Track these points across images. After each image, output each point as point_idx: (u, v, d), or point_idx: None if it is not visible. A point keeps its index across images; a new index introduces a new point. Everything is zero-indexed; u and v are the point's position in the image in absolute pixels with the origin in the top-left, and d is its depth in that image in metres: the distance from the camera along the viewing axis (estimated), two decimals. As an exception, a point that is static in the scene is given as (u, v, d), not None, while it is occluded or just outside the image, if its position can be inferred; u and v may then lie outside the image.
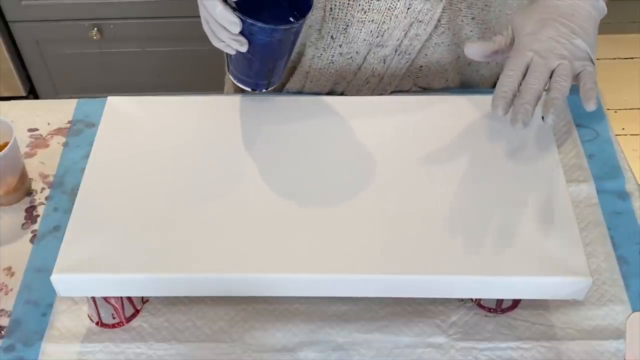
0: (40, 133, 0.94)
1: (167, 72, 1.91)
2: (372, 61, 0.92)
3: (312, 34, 0.91)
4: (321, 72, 0.94)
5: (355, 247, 0.69)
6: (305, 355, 0.73)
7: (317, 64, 0.93)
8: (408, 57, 0.91)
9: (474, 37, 0.92)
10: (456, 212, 0.72)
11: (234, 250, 0.69)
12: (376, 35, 0.88)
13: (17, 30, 1.80)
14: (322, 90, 0.97)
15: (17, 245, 0.82)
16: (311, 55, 0.93)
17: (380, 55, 0.91)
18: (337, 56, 0.92)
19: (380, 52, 0.90)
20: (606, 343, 0.73)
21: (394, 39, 0.89)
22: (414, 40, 0.89)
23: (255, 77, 0.77)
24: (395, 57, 0.91)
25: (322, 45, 0.91)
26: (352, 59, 0.92)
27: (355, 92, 0.96)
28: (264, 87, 0.78)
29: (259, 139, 0.79)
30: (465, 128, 0.80)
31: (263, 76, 0.77)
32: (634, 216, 0.82)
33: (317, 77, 0.95)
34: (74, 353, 0.73)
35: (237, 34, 0.71)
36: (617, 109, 2.07)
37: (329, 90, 0.97)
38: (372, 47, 0.90)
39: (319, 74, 0.95)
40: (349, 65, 0.93)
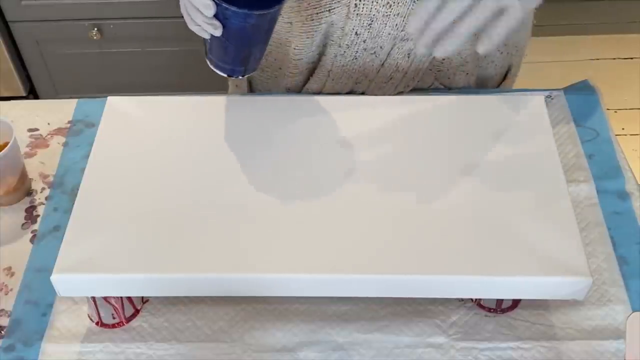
0: (40, 133, 0.94)
1: (167, 72, 1.91)
2: (396, 56, 0.91)
3: (335, 32, 0.90)
4: (344, 70, 0.93)
5: (355, 247, 0.69)
6: (305, 355, 0.73)
7: (340, 62, 0.92)
8: None
9: None
10: (456, 212, 0.72)
11: (234, 250, 0.69)
12: (401, 29, 0.88)
13: (17, 30, 1.80)
14: (342, 90, 0.96)
15: (17, 245, 0.82)
16: (333, 54, 0.92)
17: (405, 50, 0.90)
18: (361, 52, 0.91)
19: (405, 45, 0.90)
20: (606, 343, 0.73)
21: None
22: None
23: (232, 63, 0.77)
24: None
25: (345, 42, 0.90)
26: (376, 54, 0.91)
27: (377, 90, 0.95)
28: (240, 74, 0.78)
29: (259, 139, 0.79)
30: (465, 128, 0.80)
31: (239, 62, 0.77)
32: (634, 216, 0.82)
33: (339, 76, 0.94)
34: (74, 353, 0.73)
35: (211, 17, 0.71)
36: (617, 109, 2.07)
37: (350, 90, 0.96)
38: (396, 42, 0.89)
39: (342, 71, 0.93)
40: (372, 62, 0.92)
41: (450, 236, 0.70)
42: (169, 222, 0.71)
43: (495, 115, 0.81)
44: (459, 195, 0.73)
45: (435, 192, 0.74)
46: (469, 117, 0.81)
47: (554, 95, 0.94)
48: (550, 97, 0.94)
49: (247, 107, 0.83)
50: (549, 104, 0.93)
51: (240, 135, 0.80)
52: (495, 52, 0.95)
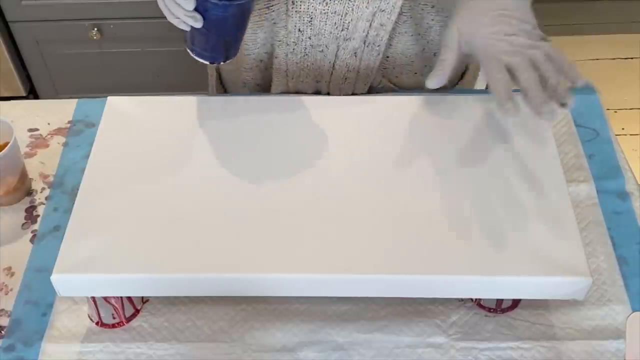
0: (40, 133, 0.94)
1: (167, 72, 1.91)
2: (344, 56, 0.92)
3: (279, 32, 0.91)
4: (299, 68, 0.94)
5: (355, 247, 0.69)
6: (305, 355, 0.73)
7: (292, 60, 0.94)
8: (378, 49, 0.92)
9: (435, 26, 0.92)
10: (456, 212, 0.72)
11: (234, 250, 0.69)
12: (341, 29, 0.89)
13: (17, 30, 1.80)
14: (307, 90, 0.97)
15: (17, 245, 0.82)
16: (284, 53, 0.93)
17: (350, 49, 0.91)
18: (309, 48, 0.92)
19: (349, 45, 0.91)
20: (606, 343, 0.73)
21: (359, 31, 0.89)
22: (380, 31, 0.89)
23: (212, 50, 0.78)
24: (365, 49, 0.91)
25: (292, 40, 0.91)
26: (324, 53, 0.92)
27: (337, 90, 0.97)
28: (222, 60, 0.79)
29: (259, 139, 0.79)
30: (465, 128, 0.80)
31: (220, 50, 0.78)
32: (634, 216, 0.82)
33: (297, 74, 0.95)
34: (74, 353, 0.73)
35: (191, 10, 0.72)
36: (617, 109, 2.07)
37: (315, 90, 0.98)
38: (340, 42, 0.91)
39: (298, 69, 0.95)
40: (323, 60, 0.93)
41: (450, 236, 0.70)
42: (169, 222, 0.71)
43: (495, 115, 0.81)
44: (459, 196, 0.73)
45: (435, 192, 0.74)
46: (469, 117, 0.81)
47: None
48: (550, 97, 0.94)
49: (248, 107, 0.83)
50: (549, 104, 0.93)
51: (240, 135, 0.80)
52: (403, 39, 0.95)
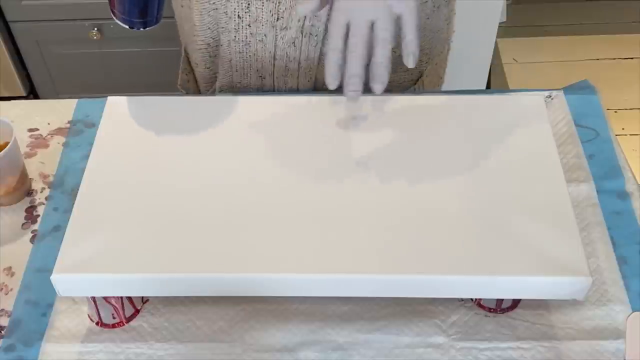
0: (40, 133, 0.94)
1: (167, 72, 1.91)
2: (283, 46, 0.92)
3: (222, 18, 0.92)
4: (243, 59, 0.95)
5: (355, 247, 0.69)
6: (305, 355, 0.73)
7: (235, 48, 0.94)
8: (316, 39, 0.91)
9: None
10: (456, 212, 0.72)
11: (234, 250, 0.69)
12: (276, 17, 0.89)
13: (17, 30, 1.80)
14: (251, 84, 0.98)
15: (17, 245, 0.82)
16: (227, 40, 0.94)
17: (288, 39, 0.91)
18: (250, 37, 0.92)
19: (287, 34, 0.91)
20: (606, 343, 0.73)
21: (295, 20, 0.89)
22: (315, 21, 0.89)
23: (129, 14, 0.80)
24: (304, 39, 0.91)
25: (232, 26, 0.92)
26: (264, 42, 0.92)
27: (283, 85, 0.97)
28: (141, 26, 0.81)
29: (259, 138, 0.79)
30: (464, 128, 0.80)
31: (135, 14, 0.80)
32: (634, 216, 0.82)
33: (241, 65, 0.95)
34: (74, 353, 0.73)
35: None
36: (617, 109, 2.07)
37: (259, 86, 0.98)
38: (277, 31, 0.90)
39: (241, 59, 0.95)
40: (264, 51, 0.93)
41: (450, 236, 0.70)
42: (169, 222, 0.71)
43: (495, 115, 0.81)
44: (458, 195, 0.73)
45: (435, 192, 0.74)
46: (469, 117, 0.81)
47: (553, 95, 0.94)
48: (550, 97, 0.94)
49: (248, 107, 0.83)
50: (549, 104, 0.93)
51: (240, 135, 0.80)
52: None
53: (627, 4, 2.32)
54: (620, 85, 2.13)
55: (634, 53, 2.23)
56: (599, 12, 2.34)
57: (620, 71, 2.19)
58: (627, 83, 2.14)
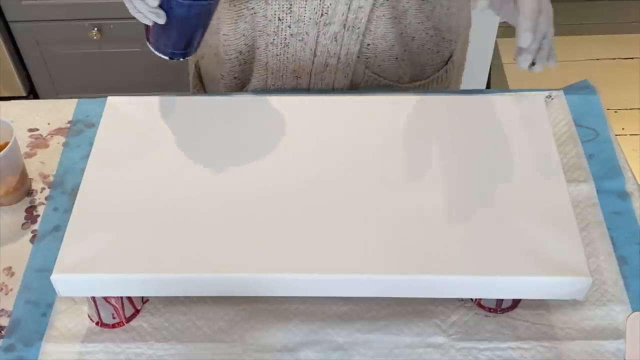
0: (40, 133, 0.94)
1: (167, 72, 1.91)
2: (324, 42, 0.92)
3: (260, 21, 0.91)
4: (280, 61, 0.94)
5: (355, 247, 0.69)
6: (305, 355, 0.73)
7: (272, 51, 0.93)
8: (358, 32, 0.91)
9: (411, 8, 0.92)
10: (456, 212, 0.72)
11: (234, 250, 0.69)
12: (321, 13, 0.89)
13: (17, 30, 1.80)
14: (286, 85, 0.97)
15: (17, 245, 0.82)
16: (264, 44, 0.93)
17: (330, 34, 0.91)
18: (289, 38, 0.92)
19: (329, 30, 0.91)
20: (606, 343, 0.73)
21: (339, 14, 0.89)
22: (359, 13, 0.89)
23: (172, 47, 0.79)
24: (345, 33, 0.91)
25: (272, 29, 0.91)
26: (304, 41, 0.92)
27: (320, 82, 0.96)
28: (181, 57, 0.80)
29: (259, 138, 0.79)
30: (464, 128, 0.80)
31: (180, 47, 0.79)
32: (634, 216, 0.82)
33: (277, 68, 0.95)
34: (74, 353, 0.73)
35: (155, 6, 0.73)
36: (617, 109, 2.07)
37: (293, 86, 0.97)
38: (320, 27, 0.90)
39: (278, 63, 0.94)
40: (303, 50, 0.93)
41: (450, 236, 0.70)
42: (169, 222, 0.71)
43: (495, 115, 0.81)
44: (459, 195, 0.73)
45: (435, 192, 0.74)
46: (469, 117, 0.81)
47: (554, 95, 0.94)
48: (550, 97, 0.94)
49: (248, 107, 0.83)
50: (549, 104, 0.93)
51: (240, 135, 0.80)
52: (423, 34, 0.95)
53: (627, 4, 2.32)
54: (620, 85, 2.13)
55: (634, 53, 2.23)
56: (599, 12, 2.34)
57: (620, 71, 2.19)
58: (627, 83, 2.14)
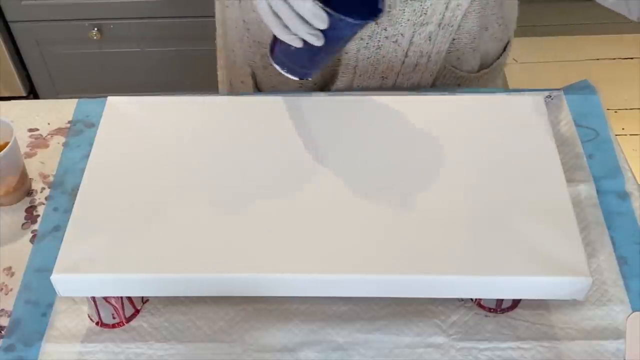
0: (40, 133, 0.94)
1: (167, 72, 1.91)
2: (418, 42, 0.91)
3: None
4: (369, 63, 0.93)
5: (355, 247, 0.69)
6: (305, 355, 0.73)
7: (364, 55, 0.92)
8: (451, 29, 0.91)
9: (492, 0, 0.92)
10: (456, 212, 0.72)
11: (234, 250, 0.69)
12: (420, 14, 0.87)
13: (17, 30, 1.80)
14: (371, 85, 0.95)
15: (17, 245, 0.82)
16: (356, 48, 0.91)
17: (425, 34, 0.90)
18: (384, 40, 0.90)
19: (425, 30, 0.89)
20: (606, 343, 0.73)
21: (437, 14, 0.88)
22: (456, 11, 0.89)
23: (310, 67, 0.75)
24: (440, 32, 0.90)
25: (367, 34, 0.89)
26: (398, 42, 0.90)
27: (406, 81, 0.95)
28: (311, 76, 0.77)
29: (259, 139, 0.79)
30: (465, 128, 0.80)
31: (317, 66, 0.75)
32: (634, 216, 0.82)
33: (365, 69, 0.93)
34: (74, 353, 0.73)
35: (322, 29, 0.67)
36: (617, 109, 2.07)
37: (377, 87, 0.95)
38: (416, 27, 0.89)
39: (367, 65, 0.93)
40: (395, 51, 0.91)
41: (450, 236, 0.70)
42: (169, 222, 0.71)
43: (495, 115, 0.81)
44: (459, 195, 0.73)
45: (435, 191, 0.74)
46: (469, 117, 0.81)
47: (554, 95, 0.94)
48: (550, 97, 0.94)
49: (248, 107, 0.83)
50: (549, 104, 0.93)
51: (240, 135, 0.80)
52: (495, 24, 0.96)
53: (627, 4, 2.32)
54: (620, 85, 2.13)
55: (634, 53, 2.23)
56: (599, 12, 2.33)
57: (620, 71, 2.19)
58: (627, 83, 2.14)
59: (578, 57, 2.22)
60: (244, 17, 0.95)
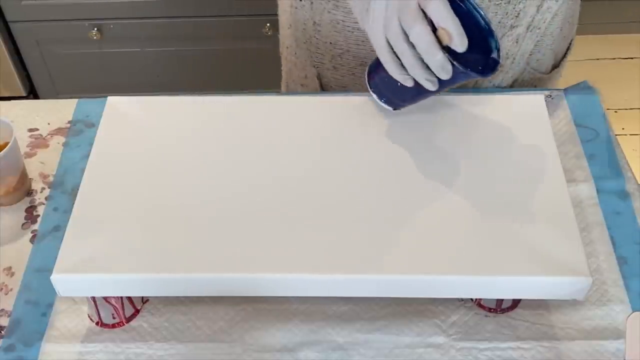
0: (40, 133, 0.94)
1: (167, 72, 1.91)
2: (506, 44, 0.91)
3: None
4: None
5: (355, 247, 0.69)
6: (305, 355, 0.73)
7: None
8: (538, 32, 0.91)
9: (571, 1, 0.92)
10: (456, 212, 0.72)
11: (234, 250, 0.69)
12: (512, 17, 0.87)
13: (17, 30, 1.80)
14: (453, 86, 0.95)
15: (17, 245, 0.82)
16: None
17: (513, 37, 0.90)
18: None
19: (514, 32, 0.90)
20: (606, 343, 0.73)
21: (528, 16, 0.88)
22: (546, 14, 0.89)
23: (409, 102, 0.77)
24: (527, 34, 0.91)
25: None
26: None
27: (487, 80, 0.95)
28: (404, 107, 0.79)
29: (259, 138, 0.79)
30: (464, 128, 0.80)
31: (416, 102, 0.77)
32: (634, 216, 0.82)
33: None
34: (74, 353, 0.73)
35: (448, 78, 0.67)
36: (617, 109, 2.07)
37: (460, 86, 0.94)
38: (505, 30, 0.89)
39: None
40: None
41: (450, 236, 0.70)
42: (169, 222, 0.71)
43: (495, 115, 0.81)
44: (458, 195, 0.73)
45: (435, 191, 0.74)
46: (469, 117, 0.81)
47: (554, 95, 0.94)
48: (550, 97, 0.94)
49: (248, 107, 0.83)
50: (549, 104, 0.93)
51: (240, 135, 0.80)
52: (567, 24, 0.96)
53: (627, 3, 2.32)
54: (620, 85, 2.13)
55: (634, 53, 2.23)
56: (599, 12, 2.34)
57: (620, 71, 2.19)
58: (627, 83, 2.14)
59: (578, 57, 2.22)
60: (315, 18, 0.95)
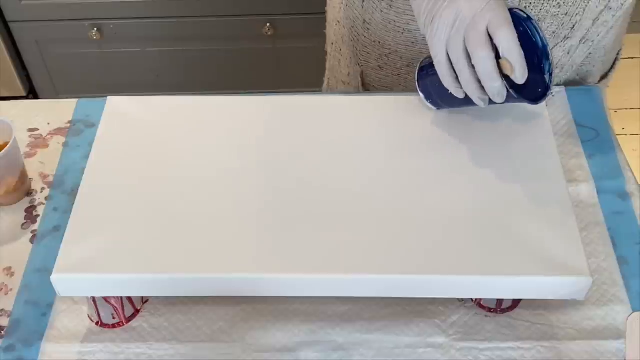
0: (40, 133, 0.94)
1: (167, 72, 1.91)
2: (558, 55, 0.91)
3: None
4: None
5: (355, 247, 0.69)
6: (305, 355, 0.73)
7: None
8: (590, 44, 0.91)
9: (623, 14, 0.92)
10: (456, 212, 0.72)
11: (234, 250, 0.69)
12: (568, 28, 0.88)
13: (17, 30, 1.80)
14: None
15: (17, 245, 0.82)
16: None
17: (566, 48, 0.90)
18: None
19: (566, 44, 0.90)
20: (606, 343, 0.73)
21: (582, 29, 0.88)
22: (601, 27, 0.89)
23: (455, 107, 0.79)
24: (580, 46, 0.91)
25: None
26: None
27: None
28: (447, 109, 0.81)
29: (259, 139, 0.79)
30: (465, 128, 0.80)
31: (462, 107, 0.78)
32: (634, 216, 0.82)
33: None
34: (74, 353, 0.73)
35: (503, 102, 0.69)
36: (617, 109, 2.07)
37: None
38: (558, 40, 0.89)
39: None
40: None
41: (450, 236, 0.70)
42: (169, 222, 0.71)
43: (496, 115, 0.81)
44: (459, 195, 0.73)
45: (435, 191, 0.74)
46: (469, 117, 0.81)
47: (555, 94, 0.94)
48: (551, 94, 0.94)
49: (248, 107, 0.83)
50: (549, 104, 0.93)
51: (240, 135, 0.80)
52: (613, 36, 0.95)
53: (627, 4, 2.32)
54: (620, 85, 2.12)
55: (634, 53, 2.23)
56: (599, 12, 2.34)
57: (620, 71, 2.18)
58: (627, 83, 2.13)
59: (578, 57, 2.22)
60: (366, 17, 0.95)
